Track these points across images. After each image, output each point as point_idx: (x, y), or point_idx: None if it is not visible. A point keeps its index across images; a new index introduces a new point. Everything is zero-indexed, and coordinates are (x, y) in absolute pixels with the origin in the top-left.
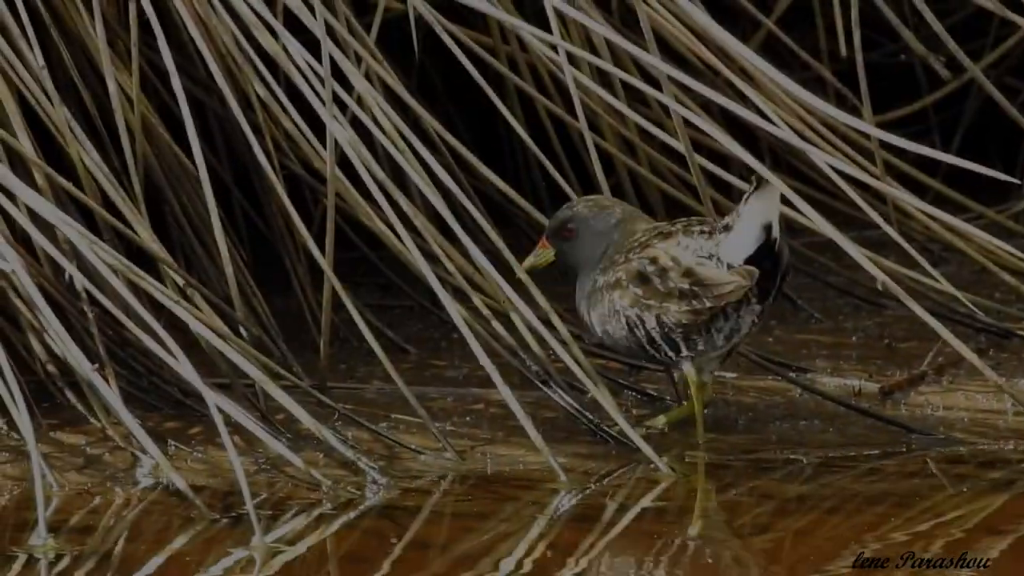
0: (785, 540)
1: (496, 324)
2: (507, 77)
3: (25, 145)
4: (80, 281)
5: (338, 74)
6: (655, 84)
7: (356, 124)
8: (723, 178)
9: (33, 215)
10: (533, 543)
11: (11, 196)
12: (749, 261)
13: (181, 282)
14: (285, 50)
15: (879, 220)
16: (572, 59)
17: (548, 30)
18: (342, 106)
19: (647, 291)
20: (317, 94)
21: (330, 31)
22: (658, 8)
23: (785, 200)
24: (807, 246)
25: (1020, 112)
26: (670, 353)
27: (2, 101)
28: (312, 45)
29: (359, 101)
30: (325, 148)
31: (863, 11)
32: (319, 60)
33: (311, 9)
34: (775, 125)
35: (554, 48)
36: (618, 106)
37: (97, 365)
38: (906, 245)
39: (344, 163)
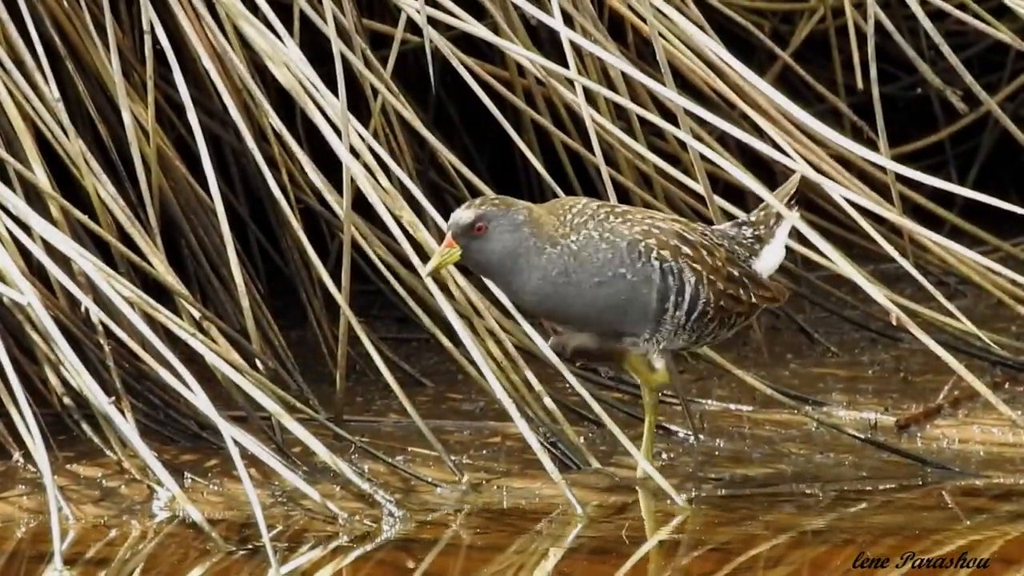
0: (800, 573)
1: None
2: (523, 111)
3: (41, 177)
4: (96, 314)
5: (354, 107)
6: (672, 117)
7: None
8: (739, 214)
9: (49, 247)
10: (549, 574)
11: (27, 228)
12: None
13: (197, 315)
14: (312, 84)
15: (895, 254)
16: (589, 93)
17: (564, 63)
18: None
19: (695, 254)
20: (333, 127)
21: (346, 65)
22: (675, 42)
23: (800, 235)
24: (823, 280)
25: None
26: (678, 314)
27: (18, 133)
28: (329, 79)
29: (375, 134)
30: (340, 182)
31: (879, 44)
32: (335, 93)
33: (328, 42)
34: (791, 158)
35: (570, 82)
36: (635, 147)
37: (113, 398)
38: (922, 279)
39: (359, 195)
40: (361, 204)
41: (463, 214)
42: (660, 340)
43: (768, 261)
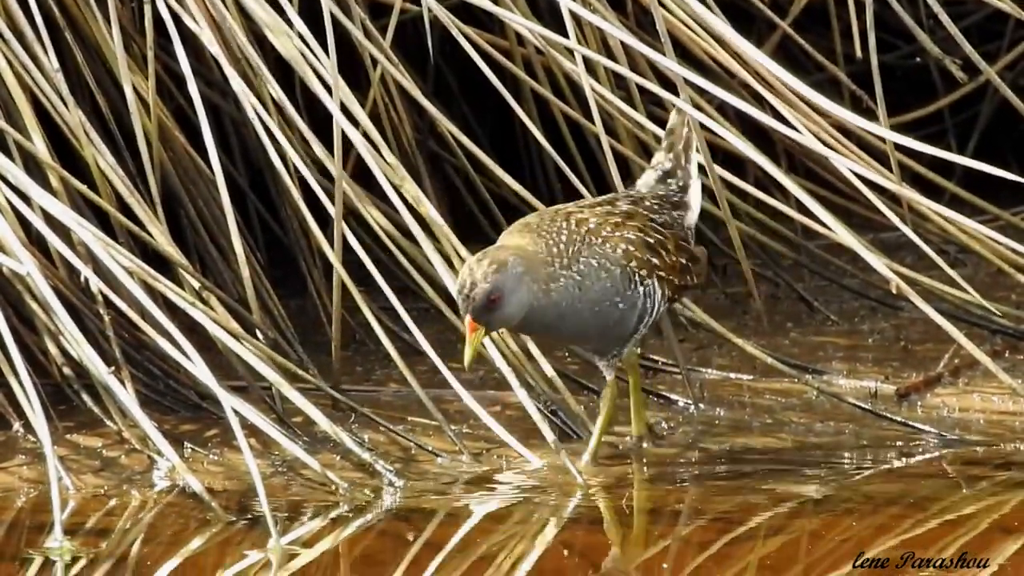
0: (800, 541)
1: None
2: (523, 80)
3: (40, 148)
4: (96, 284)
5: (354, 77)
6: (671, 86)
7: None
8: (738, 183)
9: (48, 218)
10: (550, 545)
11: (26, 199)
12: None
13: (197, 285)
14: (312, 53)
15: (897, 221)
16: (588, 63)
17: (564, 32)
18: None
19: (660, 261)
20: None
21: (346, 34)
22: (674, 10)
23: (801, 204)
24: (823, 248)
25: None
26: (642, 329)
27: (17, 104)
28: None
29: (374, 104)
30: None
31: (878, 13)
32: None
33: (326, 12)
34: (791, 128)
35: (570, 51)
36: (635, 116)
37: (113, 368)
38: (924, 246)
39: (363, 171)
40: (363, 175)
41: (477, 292)
42: (620, 354)
43: (695, 205)
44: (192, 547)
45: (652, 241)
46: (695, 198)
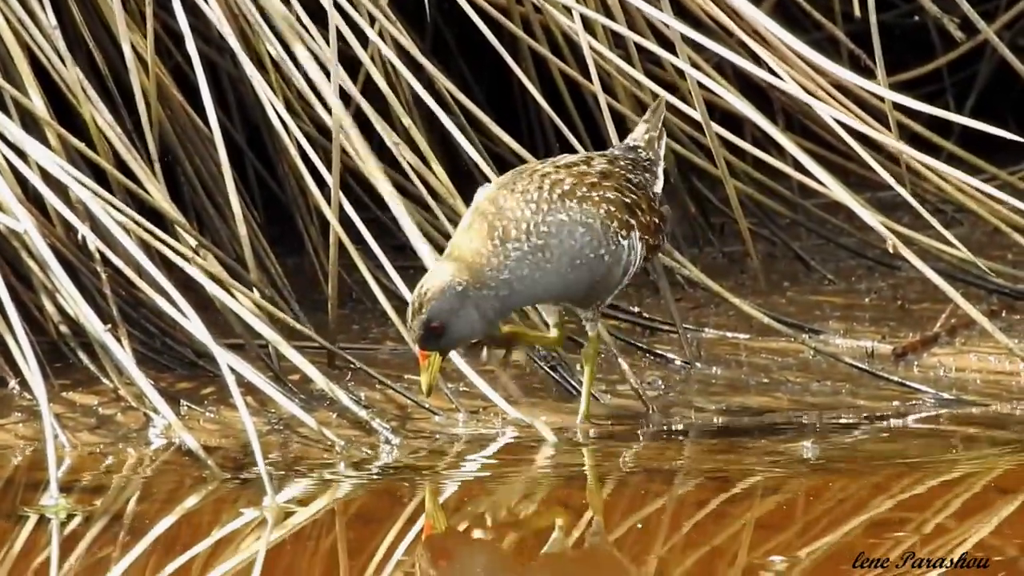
0: (797, 501)
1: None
2: (521, 38)
3: (38, 105)
4: (93, 241)
5: (353, 35)
6: (669, 45)
7: (369, 85)
8: (736, 141)
9: (46, 175)
10: (546, 502)
11: (24, 156)
12: None
13: (194, 243)
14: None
15: (892, 181)
16: (586, 21)
17: None
18: (357, 66)
19: (637, 221)
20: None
21: None
22: None
23: (798, 162)
24: (820, 207)
25: None
26: (625, 281)
27: (15, 60)
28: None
29: (372, 60)
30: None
31: None
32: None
33: None
34: (788, 85)
35: (568, 10)
36: (633, 74)
37: (110, 326)
38: (919, 206)
39: (362, 126)
40: (361, 131)
41: (414, 326)
42: (604, 304)
43: (660, 180)
44: (188, 505)
45: (629, 201)
46: (660, 176)
